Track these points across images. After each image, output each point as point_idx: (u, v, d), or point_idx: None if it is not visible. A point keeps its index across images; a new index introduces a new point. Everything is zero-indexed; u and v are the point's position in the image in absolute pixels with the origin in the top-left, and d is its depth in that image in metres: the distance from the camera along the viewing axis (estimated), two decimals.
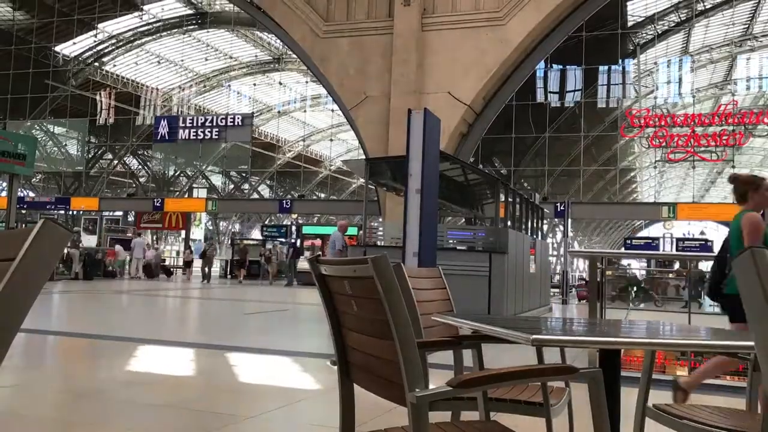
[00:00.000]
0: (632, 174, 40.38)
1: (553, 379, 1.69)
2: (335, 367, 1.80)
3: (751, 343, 1.74)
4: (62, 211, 36.80)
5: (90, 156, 39.74)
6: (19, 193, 30.46)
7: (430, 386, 1.41)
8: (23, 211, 34.06)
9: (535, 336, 1.55)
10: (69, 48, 36.05)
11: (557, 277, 27.53)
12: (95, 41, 36.22)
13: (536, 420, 2.32)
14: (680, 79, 28.80)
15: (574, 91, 29.03)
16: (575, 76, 28.75)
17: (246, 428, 3.89)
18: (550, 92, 29.12)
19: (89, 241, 28.71)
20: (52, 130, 39.86)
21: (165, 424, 3.87)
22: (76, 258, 22.27)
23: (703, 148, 26.36)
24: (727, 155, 27.27)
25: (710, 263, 5.18)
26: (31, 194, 41.13)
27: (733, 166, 31.04)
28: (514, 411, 2.38)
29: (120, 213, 38.57)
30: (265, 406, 4.48)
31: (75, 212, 36.85)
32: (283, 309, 13.91)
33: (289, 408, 4.42)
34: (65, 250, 21.35)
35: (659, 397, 2.83)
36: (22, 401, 4.43)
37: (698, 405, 2.51)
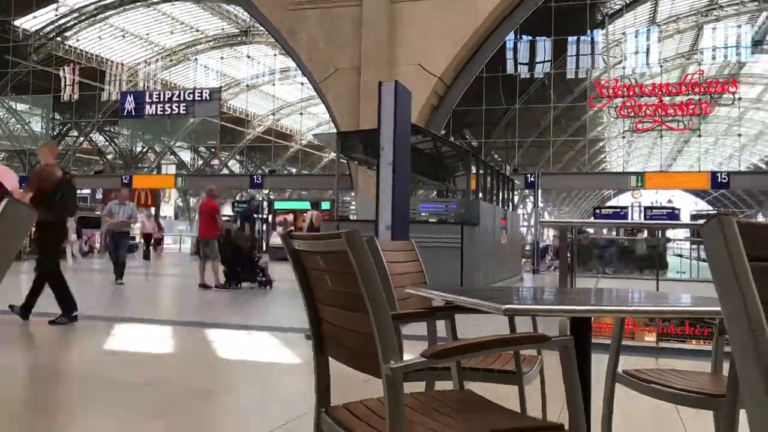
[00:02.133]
0: (601, 144, 40.78)
1: (526, 348, 1.72)
2: (310, 341, 1.81)
3: (717, 309, 1.78)
4: None
5: (55, 133, 38.90)
6: None
7: (405, 357, 1.42)
8: None
9: (507, 306, 1.57)
10: (29, 22, 35.05)
11: (528, 248, 27.81)
12: (56, 15, 35.25)
13: (509, 387, 2.36)
14: (648, 49, 29.00)
15: (544, 62, 29.09)
16: (544, 47, 28.79)
17: (224, 402, 3.90)
18: (520, 63, 29.14)
19: None
20: (14, 107, 38.92)
21: (143, 401, 3.86)
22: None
23: (670, 118, 26.68)
24: (694, 124, 27.66)
25: (677, 231, 5.31)
26: None
27: (699, 135, 31.52)
28: (487, 380, 2.42)
29: (88, 191, 37.95)
30: (243, 380, 4.49)
31: None
32: (252, 285, 13.87)
33: (267, 382, 4.43)
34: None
35: (629, 362, 2.89)
36: None
37: (665, 369, 2.58)
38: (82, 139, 40.15)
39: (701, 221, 2.16)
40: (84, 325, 7.09)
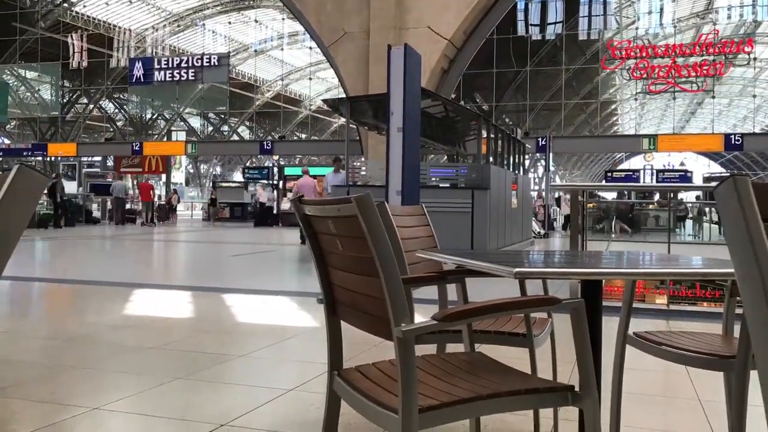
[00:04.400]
0: (613, 107, 40.36)
1: (536, 311, 1.72)
2: (322, 305, 1.82)
3: (729, 270, 1.78)
4: (39, 158, 36.24)
5: (65, 101, 38.91)
6: None
7: (416, 321, 1.43)
8: None
9: (517, 269, 1.57)
10: None
11: (539, 212, 27.70)
12: None
13: (520, 350, 2.37)
14: (661, 9, 28.50)
15: (555, 23, 28.67)
16: (556, 7, 28.33)
17: (236, 366, 3.96)
18: (531, 25, 28.73)
19: (70, 187, 28.35)
20: (23, 75, 38.87)
21: (155, 365, 3.91)
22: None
23: (683, 79, 26.32)
24: (708, 86, 27.27)
25: (689, 194, 5.32)
26: (7, 141, 40.40)
27: (713, 97, 31.10)
28: (498, 342, 2.44)
29: (98, 158, 38.05)
30: (255, 344, 4.54)
31: (53, 158, 36.31)
32: (270, 250, 13.97)
33: (279, 346, 4.48)
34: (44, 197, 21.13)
35: (640, 325, 2.91)
36: (10, 347, 4.45)
37: (676, 331, 2.58)
38: (91, 106, 40.13)
39: (714, 183, 2.14)
40: (101, 290, 7.18)
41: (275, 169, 33.40)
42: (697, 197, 21.62)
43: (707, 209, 21.62)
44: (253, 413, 2.94)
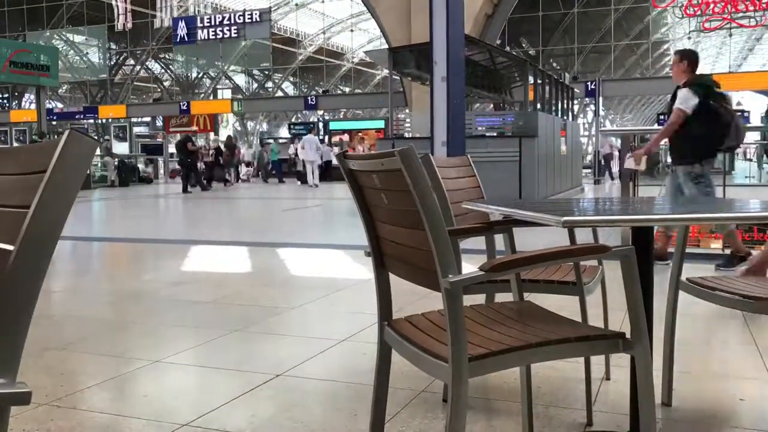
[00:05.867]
0: (665, 47, 38.87)
1: (585, 259, 1.71)
2: (370, 258, 1.83)
3: None
4: (91, 121, 37.05)
5: (112, 63, 39.48)
6: (47, 105, 30.66)
7: (464, 271, 1.44)
8: (53, 123, 34.36)
9: (566, 218, 1.55)
10: None
11: (589, 158, 27.23)
12: None
13: (570, 299, 2.36)
14: None
15: None
16: None
17: (289, 318, 4.05)
18: None
19: (121, 148, 28.96)
20: (71, 39, 39.48)
21: (211, 318, 4.04)
22: (110, 166, 22.59)
23: (740, 14, 25.13)
24: (767, 20, 25.97)
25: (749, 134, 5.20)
26: (60, 105, 41.34)
27: None
28: (547, 291, 2.43)
29: (148, 119, 38.68)
30: (307, 297, 4.63)
31: (104, 121, 37.08)
32: (317, 205, 14.10)
33: (330, 298, 4.56)
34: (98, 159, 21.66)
35: (693, 271, 2.86)
36: (73, 304, 4.64)
37: (729, 277, 2.53)
38: (138, 67, 40.64)
39: None
40: (157, 248, 7.40)
41: (320, 124, 33.45)
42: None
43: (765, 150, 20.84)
44: (307, 363, 3.02)
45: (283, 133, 44.04)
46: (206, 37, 31.89)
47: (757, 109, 34.77)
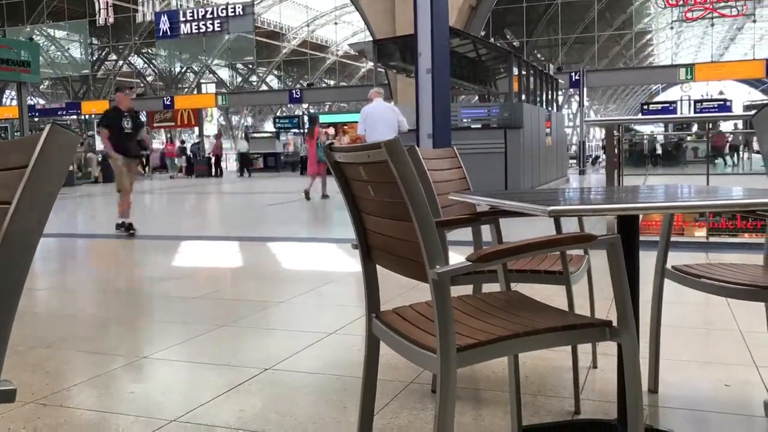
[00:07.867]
0: (648, 37, 39.11)
1: (572, 248, 1.71)
2: (357, 250, 1.83)
3: None
4: (74, 116, 36.68)
5: (94, 58, 39.09)
6: (29, 101, 30.29)
7: (451, 262, 1.44)
8: (35, 119, 33.98)
9: (552, 207, 1.56)
10: None
11: (574, 148, 27.34)
12: None
13: (557, 288, 2.37)
14: None
15: None
16: None
17: (278, 312, 4.05)
18: None
19: None
20: (52, 35, 39.05)
21: (199, 314, 4.02)
22: (93, 162, 22.42)
23: (722, 4, 25.29)
24: (748, 9, 26.17)
25: (729, 123, 5.22)
26: (41, 101, 40.92)
27: (755, 21, 29.88)
28: (534, 281, 2.44)
29: None
30: (295, 290, 4.63)
31: (87, 116, 36.72)
32: (302, 198, 14.06)
33: (317, 291, 4.56)
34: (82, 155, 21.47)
35: (678, 259, 2.87)
36: (58, 301, 4.61)
37: (716, 263, 2.55)
38: (121, 62, 40.28)
39: (754, 111, 2.08)
40: (142, 244, 7.35)
41: (305, 118, 33.32)
42: (735, 125, 21.03)
43: (747, 139, 21.02)
44: (296, 356, 3.02)
45: (268, 127, 43.86)
46: (189, 31, 31.63)
47: (739, 99, 35.08)
